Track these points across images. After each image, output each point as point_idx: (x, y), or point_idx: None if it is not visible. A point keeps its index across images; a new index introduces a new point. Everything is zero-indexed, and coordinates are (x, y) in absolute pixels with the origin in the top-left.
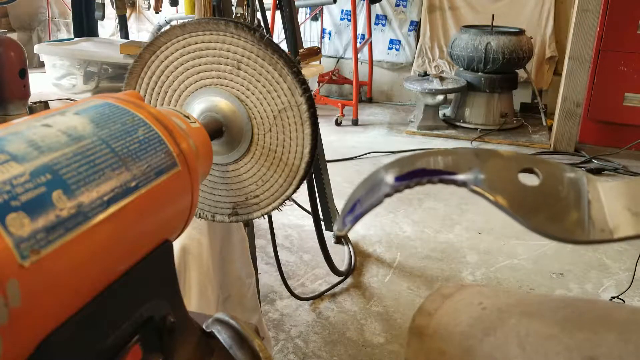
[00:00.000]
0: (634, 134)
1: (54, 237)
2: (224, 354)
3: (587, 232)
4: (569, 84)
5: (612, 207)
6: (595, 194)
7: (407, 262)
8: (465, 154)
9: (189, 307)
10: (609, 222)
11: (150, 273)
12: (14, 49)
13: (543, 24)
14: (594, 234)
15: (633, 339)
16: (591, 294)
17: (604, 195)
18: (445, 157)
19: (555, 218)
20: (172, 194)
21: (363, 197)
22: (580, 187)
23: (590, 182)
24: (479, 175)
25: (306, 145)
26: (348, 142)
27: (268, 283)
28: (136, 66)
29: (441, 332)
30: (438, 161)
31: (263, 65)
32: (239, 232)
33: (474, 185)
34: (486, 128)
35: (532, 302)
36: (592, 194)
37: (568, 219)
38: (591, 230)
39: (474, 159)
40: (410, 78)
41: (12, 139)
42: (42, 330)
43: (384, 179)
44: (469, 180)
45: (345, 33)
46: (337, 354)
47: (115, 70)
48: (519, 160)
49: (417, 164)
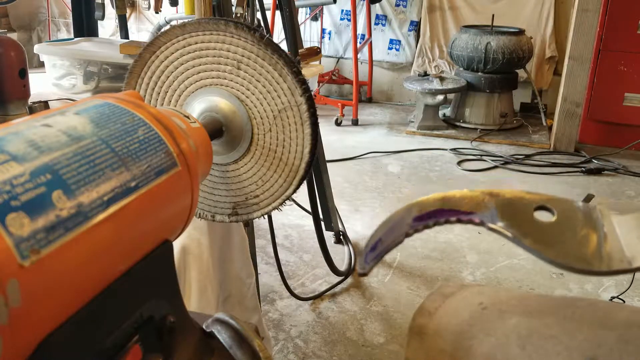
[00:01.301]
0: (634, 134)
1: (54, 237)
2: (224, 354)
3: (607, 263)
4: (569, 84)
5: (628, 238)
6: (609, 227)
7: (407, 262)
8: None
9: (189, 307)
10: (626, 253)
11: (150, 273)
12: (14, 49)
13: (543, 24)
14: (613, 265)
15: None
16: (591, 294)
17: (618, 228)
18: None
19: (574, 251)
20: (172, 194)
21: (384, 236)
22: (595, 221)
23: (604, 216)
24: (496, 214)
25: (306, 145)
26: (348, 142)
27: (268, 283)
28: (136, 66)
29: (441, 332)
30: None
31: (263, 65)
32: (239, 232)
33: (491, 223)
34: (486, 128)
35: (532, 302)
36: (607, 227)
37: (586, 251)
38: (610, 261)
39: (489, 198)
40: (410, 78)
41: (12, 139)
42: (42, 330)
43: (404, 219)
44: (486, 218)
45: (345, 33)
46: (337, 353)
47: (115, 70)
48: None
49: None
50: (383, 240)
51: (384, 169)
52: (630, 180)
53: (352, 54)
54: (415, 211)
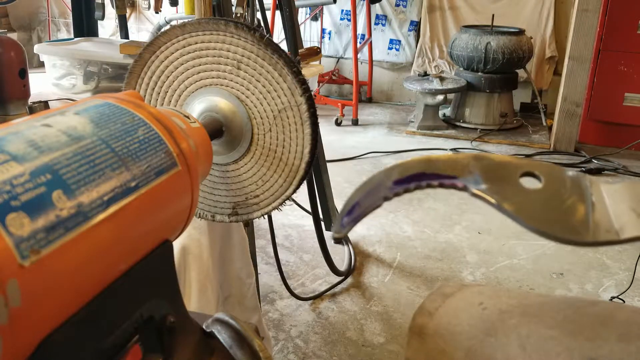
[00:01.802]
0: (634, 134)
1: (54, 237)
2: (224, 354)
3: (593, 233)
4: (569, 84)
5: (617, 208)
6: (598, 196)
7: (407, 262)
8: (465, 158)
9: (189, 307)
10: (614, 224)
11: (150, 273)
12: (14, 49)
13: (543, 24)
14: (599, 235)
15: (634, 339)
16: (591, 294)
17: (608, 197)
18: (446, 162)
19: (559, 220)
20: (172, 194)
21: (362, 199)
22: (583, 190)
23: (593, 184)
24: (480, 178)
25: (306, 145)
26: (348, 142)
27: (268, 283)
28: (136, 66)
29: (441, 332)
30: (438, 165)
31: (263, 65)
32: (239, 232)
33: (475, 189)
34: (486, 128)
35: (532, 303)
36: (596, 196)
37: (573, 221)
38: (597, 232)
39: (474, 162)
40: (410, 78)
41: (12, 139)
42: (42, 330)
43: (384, 182)
44: (469, 184)
45: (345, 33)
46: (337, 353)
47: (115, 70)
48: (519, 163)
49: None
50: (361, 203)
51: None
52: (631, 180)
53: (352, 54)
54: (396, 174)
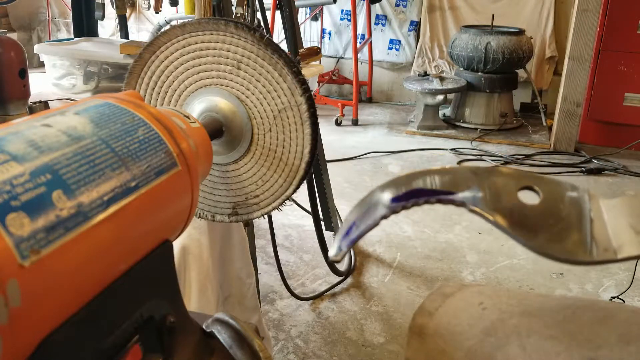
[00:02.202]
0: (634, 134)
1: (54, 237)
2: (224, 354)
3: (590, 252)
4: (569, 84)
5: (615, 225)
6: (597, 213)
7: (407, 262)
8: (463, 172)
9: (189, 307)
10: (612, 242)
11: (150, 273)
12: (14, 49)
13: (543, 24)
14: (597, 254)
15: (634, 339)
16: (591, 294)
17: (607, 213)
18: (443, 176)
19: (556, 238)
20: (172, 194)
21: (359, 219)
22: (581, 206)
23: (592, 200)
24: (478, 194)
25: (306, 145)
26: (348, 142)
27: (268, 283)
28: (136, 66)
29: (441, 332)
30: (435, 180)
31: (263, 65)
32: (239, 232)
33: (472, 205)
34: (486, 128)
35: (532, 302)
36: (595, 212)
37: (569, 239)
38: (594, 250)
39: (472, 177)
40: (410, 78)
41: (12, 139)
42: (42, 330)
43: (380, 200)
44: (467, 199)
45: (345, 33)
46: (337, 353)
47: (115, 70)
48: (518, 178)
49: (413, 184)
50: (358, 224)
51: (384, 169)
52: (630, 180)
53: (352, 54)
54: (392, 191)
